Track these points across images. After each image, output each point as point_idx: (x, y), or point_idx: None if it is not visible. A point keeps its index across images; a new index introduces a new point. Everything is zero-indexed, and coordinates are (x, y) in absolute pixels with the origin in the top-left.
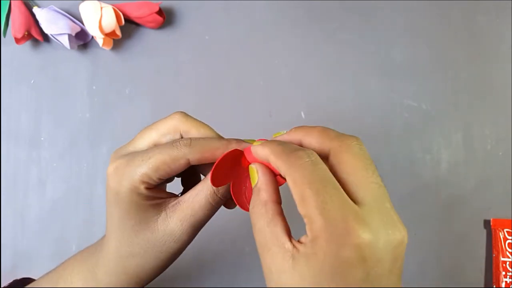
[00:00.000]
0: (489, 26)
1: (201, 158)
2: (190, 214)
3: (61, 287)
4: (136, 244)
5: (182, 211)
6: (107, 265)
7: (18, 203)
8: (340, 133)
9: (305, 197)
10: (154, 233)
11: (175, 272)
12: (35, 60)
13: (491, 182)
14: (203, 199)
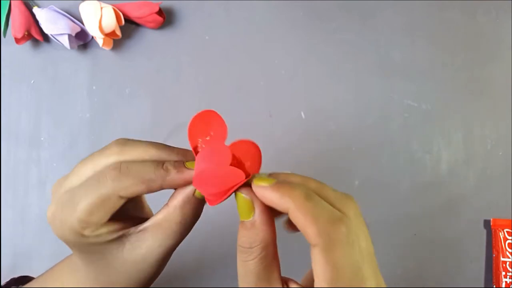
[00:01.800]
0: (489, 26)
1: (137, 192)
2: (158, 245)
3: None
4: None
5: (150, 242)
6: None
7: (18, 203)
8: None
9: (343, 280)
10: (124, 265)
11: (175, 272)
12: (35, 60)
13: (491, 182)
14: (169, 228)
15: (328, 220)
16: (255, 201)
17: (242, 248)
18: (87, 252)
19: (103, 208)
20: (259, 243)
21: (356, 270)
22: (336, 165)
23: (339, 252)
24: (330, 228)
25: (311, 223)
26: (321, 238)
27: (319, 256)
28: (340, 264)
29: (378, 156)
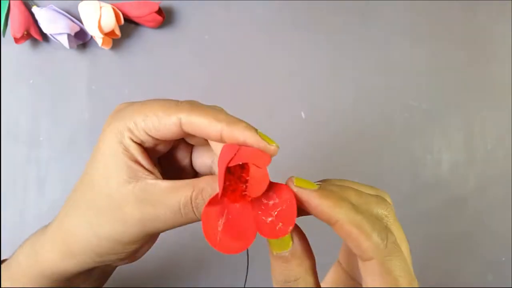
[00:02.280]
0: (489, 26)
1: (194, 123)
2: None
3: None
4: (86, 198)
5: (148, 195)
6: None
7: (17, 203)
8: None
9: None
10: (107, 198)
11: (175, 272)
12: (34, 60)
13: (492, 182)
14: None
15: (378, 234)
16: (294, 232)
17: (285, 283)
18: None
19: (157, 121)
20: (305, 273)
21: (408, 273)
22: (336, 165)
23: (395, 262)
24: (381, 242)
25: (365, 238)
26: (376, 252)
27: (376, 269)
28: (397, 273)
29: (378, 156)
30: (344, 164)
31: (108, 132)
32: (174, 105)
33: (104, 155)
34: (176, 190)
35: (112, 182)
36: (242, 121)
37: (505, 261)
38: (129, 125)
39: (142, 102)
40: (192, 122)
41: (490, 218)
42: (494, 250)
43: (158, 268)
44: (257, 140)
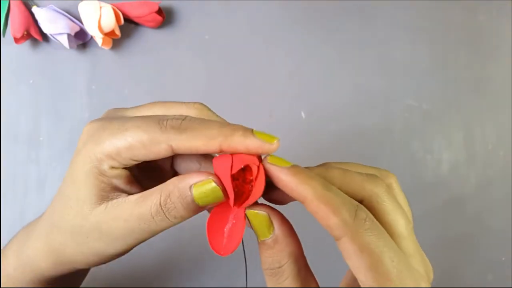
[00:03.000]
0: (489, 26)
1: (189, 148)
2: (124, 219)
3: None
4: (65, 219)
5: (120, 211)
6: (39, 230)
7: (17, 203)
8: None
9: (378, 267)
10: (83, 221)
11: (175, 272)
12: (34, 60)
13: (492, 182)
14: (144, 206)
15: (349, 208)
16: (272, 214)
17: (270, 271)
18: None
19: (144, 149)
20: (288, 259)
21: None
22: None
23: (369, 236)
24: (352, 216)
25: (333, 214)
26: (346, 228)
27: (350, 246)
28: (375, 248)
29: (379, 156)
30: None
31: (84, 155)
32: (158, 129)
33: (77, 179)
34: (144, 199)
35: (86, 205)
36: (236, 129)
37: (505, 261)
38: (110, 151)
39: (119, 123)
40: (186, 149)
41: (490, 218)
42: (494, 250)
43: (158, 268)
44: (259, 145)
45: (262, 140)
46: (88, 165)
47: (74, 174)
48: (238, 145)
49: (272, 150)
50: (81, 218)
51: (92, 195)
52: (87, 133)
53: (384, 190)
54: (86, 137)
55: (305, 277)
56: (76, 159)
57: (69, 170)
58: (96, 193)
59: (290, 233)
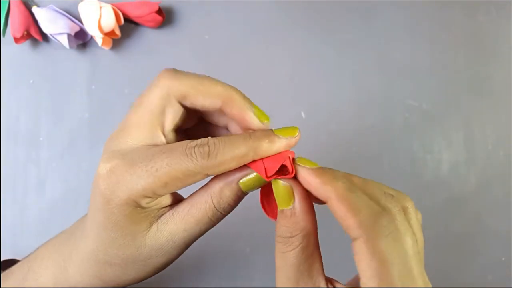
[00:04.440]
0: (489, 26)
1: (224, 171)
2: (183, 229)
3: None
4: (116, 256)
5: (174, 224)
6: (80, 264)
7: (17, 203)
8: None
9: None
10: (140, 249)
11: (175, 272)
12: (34, 60)
13: (492, 182)
14: (200, 213)
15: (370, 212)
16: (295, 188)
17: (281, 239)
18: (114, 223)
19: (181, 183)
20: (299, 232)
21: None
22: (336, 165)
23: (383, 244)
24: (372, 220)
25: (352, 214)
26: (363, 230)
27: (363, 248)
28: (387, 256)
29: (379, 156)
30: (344, 164)
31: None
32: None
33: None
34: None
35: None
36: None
37: (505, 261)
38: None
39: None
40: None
41: (490, 218)
42: (494, 250)
43: None
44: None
45: (286, 138)
46: (128, 209)
47: (111, 218)
48: (268, 152)
49: (297, 140)
50: (136, 249)
51: (140, 226)
52: (110, 180)
53: (398, 210)
54: (111, 185)
55: (312, 253)
56: (109, 206)
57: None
58: (142, 223)
59: (308, 210)
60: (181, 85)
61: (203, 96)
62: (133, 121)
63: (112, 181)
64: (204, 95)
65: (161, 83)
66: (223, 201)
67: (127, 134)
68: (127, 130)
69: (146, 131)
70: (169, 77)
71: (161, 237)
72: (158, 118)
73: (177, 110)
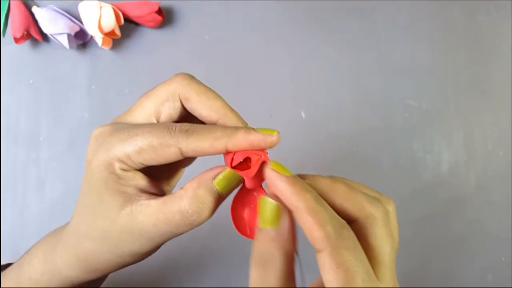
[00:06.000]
0: (489, 26)
1: (197, 149)
2: (152, 223)
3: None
4: (92, 228)
5: (145, 216)
6: (66, 241)
7: (17, 203)
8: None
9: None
10: (112, 225)
11: (175, 272)
12: (34, 60)
13: (492, 182)
14: (170, 212)
15: (334, 224)
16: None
17: (259, 262)
18: (93, 186)
19: (154, 153)
20: (283, 256)
21: (368, 272)
22: (336, 165)
23: (347, 254)
24: (337, 232)
25: (318, 226)
26: (327, 242)
27: (328, 259)
28: (350, 266)
29: (379, 156)
30: (344, 164)
31: (97, 163)
32: (168, 133)
33: (96, 186)
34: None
35: (112, 210)
36: (239, 128)
37: (505, 261)
38: (121, 157)
39: (129, 128)
40: (193, 150)
41: (490, 218)
42: (494, 250)
43: (158, 268)
44: (261, 138)
45: (263, 134)
46: (104, 172)
47: (91, 183)
48: (242, 141)
49: (274, 141)
50: (109, 223)
51: (115, 199)
52: (96, 141)
53: (382, 216)
54: (95, 145)
55: (289, 277)
56: (90, 169)
57: (85, 181)
58: (119, 197)
59: (293, 231)
60: (187, 88)
61: (202, 105)
62: (138, 104)
63: (97, 142)
64: (203, 104)
65: (173, 80)
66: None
67: (129, 114)
68: (130, 110)
69: (144, 114)
70: (182, 78)
71: (132, 222)
72: (158, 107)
73: (176, 107)
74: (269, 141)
